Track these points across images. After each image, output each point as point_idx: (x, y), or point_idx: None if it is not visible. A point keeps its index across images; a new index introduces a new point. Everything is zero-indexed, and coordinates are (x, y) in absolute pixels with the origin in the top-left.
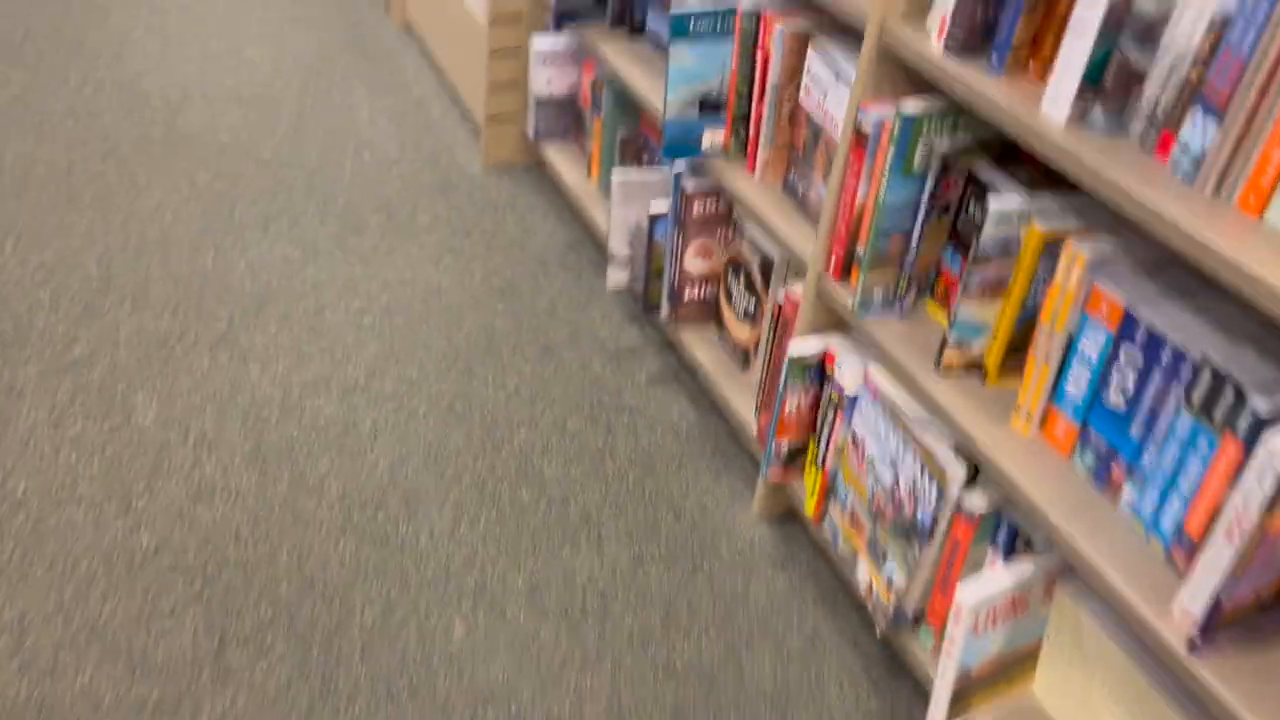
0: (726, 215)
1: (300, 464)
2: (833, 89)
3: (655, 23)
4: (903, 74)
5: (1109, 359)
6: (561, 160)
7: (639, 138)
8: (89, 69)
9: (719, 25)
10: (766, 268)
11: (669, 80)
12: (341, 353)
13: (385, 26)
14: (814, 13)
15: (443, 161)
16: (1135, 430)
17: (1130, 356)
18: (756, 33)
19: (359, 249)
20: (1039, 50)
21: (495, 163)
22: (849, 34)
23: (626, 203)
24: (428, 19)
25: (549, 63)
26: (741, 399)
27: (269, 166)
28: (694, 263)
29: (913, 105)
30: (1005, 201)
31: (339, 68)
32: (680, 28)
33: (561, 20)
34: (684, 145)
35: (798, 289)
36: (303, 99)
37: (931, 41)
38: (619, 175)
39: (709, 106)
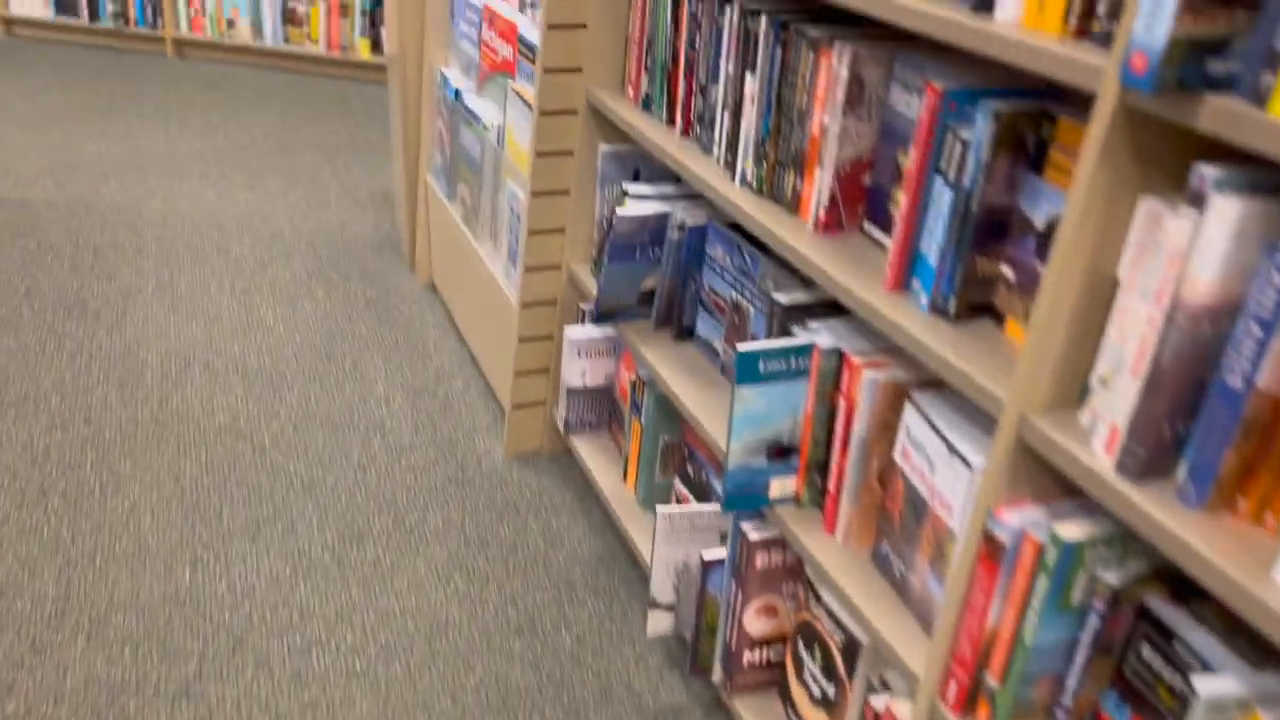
0: (797, 569)
1: None
2: (944, 464)
3: (704, 328)
4: (1048, 473)
5: None
6: (594, 457)
7: (683, 447)
8: (87, 334)
9: (792, 363)
10: (850, 651)
11: (733, 425)
12: (326, 715)
13: (409, 283)
14: (912, 361)
15: (460, 449)
16: None
17: None
18: (837, 374)
19: (359, 565)
20: (1253, 482)
21: (519, 452)
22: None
23: (673, 540)
24: (454, 282)
25: (584, 354)
26: None
27: (267, 455)
28: (756, 623)
29: (1073, 529)
30: (1219, 686)
31: (356, 331)
32: (749, 370)
33: (601, 318)
34: (748, 495)
35: (902, 708)
36: (314, 370)
37: (1096, 452)
38: (665, 510)
39: (778, 451)
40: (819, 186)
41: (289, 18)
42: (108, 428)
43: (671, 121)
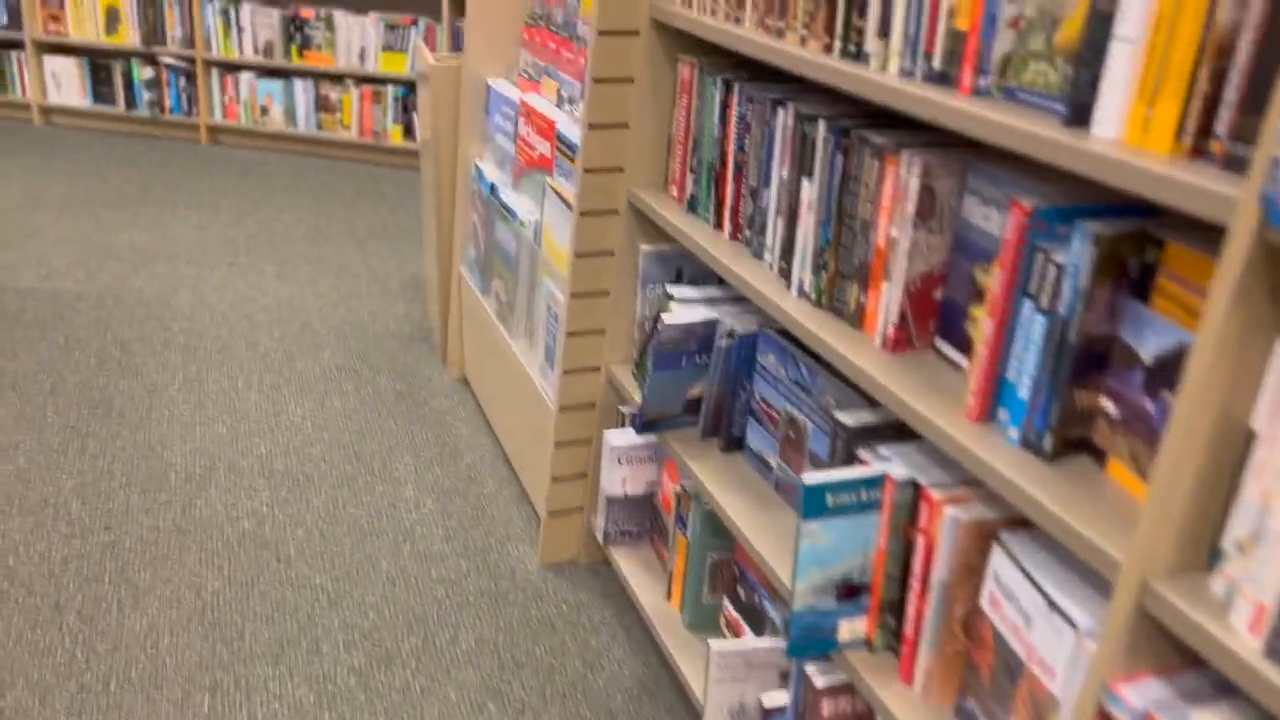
0: (868, 718)
1: None
2: (1043, 621)
3: (755, 439)
4: (1169, 641)
5: None
6: (636, 572)
7: (733, 566)
8: (111, 434)
9: (862, 495)
10: None
11: (799, 563)
12: None
13: (440, 377)
14: (997, 496)
15: (493, 558)
16: None
17: None
18: (913, 509)
19: (386, 691)
20: None
21: (554, 563)
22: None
23: (727, 680)
24: (487, 378)
25: (625, 460)
26: None
27: (292, 566)
28: None
29: (1207, 718)
30: None
31: (386, 428)
32: (816, 504)
33: (645, 428)
34: (816, 640)
35: None
36: (341, 471)
37: (1239, 631)
38: (719, 648)
39: (848, 591)
40: (886, 301)
41: (322, 104)
42: (128, 536)
43: (719, 225)
